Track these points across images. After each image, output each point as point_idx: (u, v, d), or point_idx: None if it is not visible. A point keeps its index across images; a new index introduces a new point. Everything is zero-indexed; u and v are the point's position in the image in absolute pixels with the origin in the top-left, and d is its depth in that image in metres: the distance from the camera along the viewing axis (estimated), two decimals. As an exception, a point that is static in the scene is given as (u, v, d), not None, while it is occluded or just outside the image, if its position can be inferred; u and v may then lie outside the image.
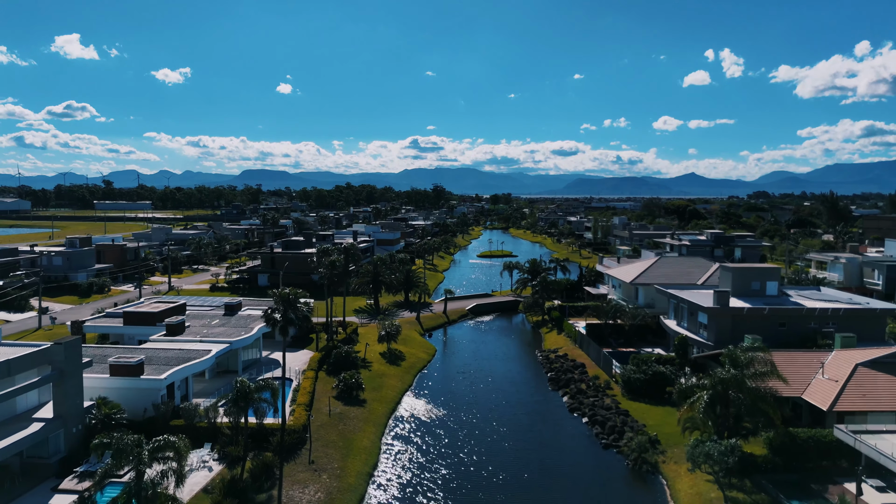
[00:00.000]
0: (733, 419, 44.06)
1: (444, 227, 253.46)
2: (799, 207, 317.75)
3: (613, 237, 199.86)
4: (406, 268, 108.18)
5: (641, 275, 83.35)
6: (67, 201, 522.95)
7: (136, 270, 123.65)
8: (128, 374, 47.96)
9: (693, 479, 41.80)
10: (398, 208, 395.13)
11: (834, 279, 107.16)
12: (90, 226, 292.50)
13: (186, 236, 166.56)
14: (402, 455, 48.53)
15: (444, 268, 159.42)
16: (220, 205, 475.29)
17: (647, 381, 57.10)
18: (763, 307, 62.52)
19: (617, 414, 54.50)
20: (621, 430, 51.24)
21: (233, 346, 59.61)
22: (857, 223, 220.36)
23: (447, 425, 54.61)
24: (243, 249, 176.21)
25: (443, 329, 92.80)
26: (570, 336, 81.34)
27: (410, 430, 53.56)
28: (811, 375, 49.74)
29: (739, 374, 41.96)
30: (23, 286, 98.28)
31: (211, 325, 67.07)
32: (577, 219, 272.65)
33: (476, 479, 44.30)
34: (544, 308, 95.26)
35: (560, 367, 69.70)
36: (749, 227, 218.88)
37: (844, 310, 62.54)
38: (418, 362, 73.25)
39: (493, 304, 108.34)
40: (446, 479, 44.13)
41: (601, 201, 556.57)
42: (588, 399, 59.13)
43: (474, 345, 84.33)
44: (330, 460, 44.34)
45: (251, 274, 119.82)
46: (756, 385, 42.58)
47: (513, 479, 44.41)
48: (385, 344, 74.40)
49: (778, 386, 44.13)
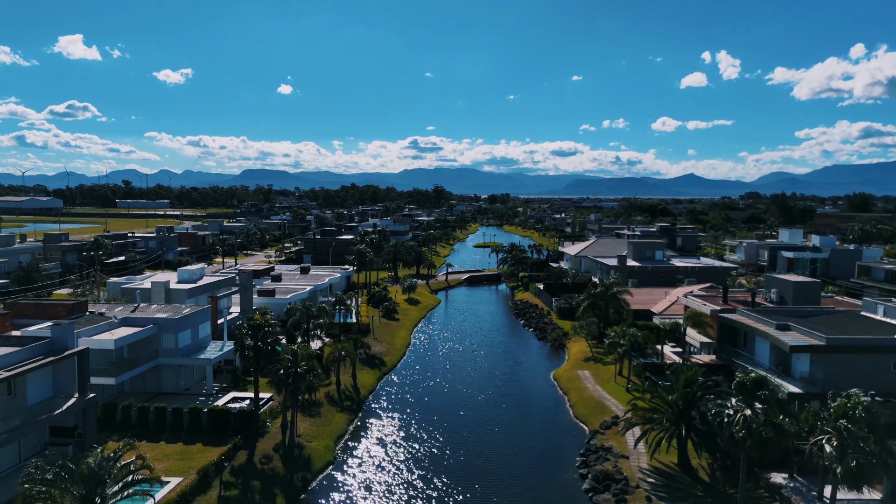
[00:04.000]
0: (602, 316, 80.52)
1: (444, 223, 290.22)
2: (753, 205, 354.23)
3: (587, 230, 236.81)
4: (417, 249, 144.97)
5: (582, 251, 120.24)
6: (89, 199, 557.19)
7: (205, 252, 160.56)
8: (267, 296, 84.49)
9: (579, 344, 78.63)
10: (402, 207, 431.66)
11: (738, 258, 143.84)
12: (127, 222, 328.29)
13: (234, 228, 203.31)
14: (423, 340, 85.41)
15: (446, 254, 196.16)
16: (234, 203, 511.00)
17: (568, 308, 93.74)
18: (647, 265, 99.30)
19: (550, 324, 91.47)
20: (551, 331, 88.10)
21: (316, 287, 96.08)
22: (815, 220, 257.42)
23: (449, 335, 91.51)
24: (278, 240, 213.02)
25: (445, 290, 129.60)
26: (533, 292, 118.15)
27: (426, 334, 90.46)
28: (659, 299, 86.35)
29: (604, 290, 78.55)
30: (136, 259, 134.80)
31: (295, 279, 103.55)
32: (561, 216, 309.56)
33: (465, 352, 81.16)
34: (518, 277, 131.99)
35: (522, 308, 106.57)
36: (710, 224, 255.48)
37: (699, 267, 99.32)
38: (429, 306, 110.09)
39: (482, 275, 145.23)
40: (450, 353, 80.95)
41: (590, 201, 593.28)
42: (534, 321, 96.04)
43: (467, 299, 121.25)
44: (384, 339, 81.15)
45: (297, 255, 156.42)
46: (615, 296, 78.95)
47: (489, 350, 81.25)
48: (407, 294, 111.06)
49: (629, 299, 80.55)
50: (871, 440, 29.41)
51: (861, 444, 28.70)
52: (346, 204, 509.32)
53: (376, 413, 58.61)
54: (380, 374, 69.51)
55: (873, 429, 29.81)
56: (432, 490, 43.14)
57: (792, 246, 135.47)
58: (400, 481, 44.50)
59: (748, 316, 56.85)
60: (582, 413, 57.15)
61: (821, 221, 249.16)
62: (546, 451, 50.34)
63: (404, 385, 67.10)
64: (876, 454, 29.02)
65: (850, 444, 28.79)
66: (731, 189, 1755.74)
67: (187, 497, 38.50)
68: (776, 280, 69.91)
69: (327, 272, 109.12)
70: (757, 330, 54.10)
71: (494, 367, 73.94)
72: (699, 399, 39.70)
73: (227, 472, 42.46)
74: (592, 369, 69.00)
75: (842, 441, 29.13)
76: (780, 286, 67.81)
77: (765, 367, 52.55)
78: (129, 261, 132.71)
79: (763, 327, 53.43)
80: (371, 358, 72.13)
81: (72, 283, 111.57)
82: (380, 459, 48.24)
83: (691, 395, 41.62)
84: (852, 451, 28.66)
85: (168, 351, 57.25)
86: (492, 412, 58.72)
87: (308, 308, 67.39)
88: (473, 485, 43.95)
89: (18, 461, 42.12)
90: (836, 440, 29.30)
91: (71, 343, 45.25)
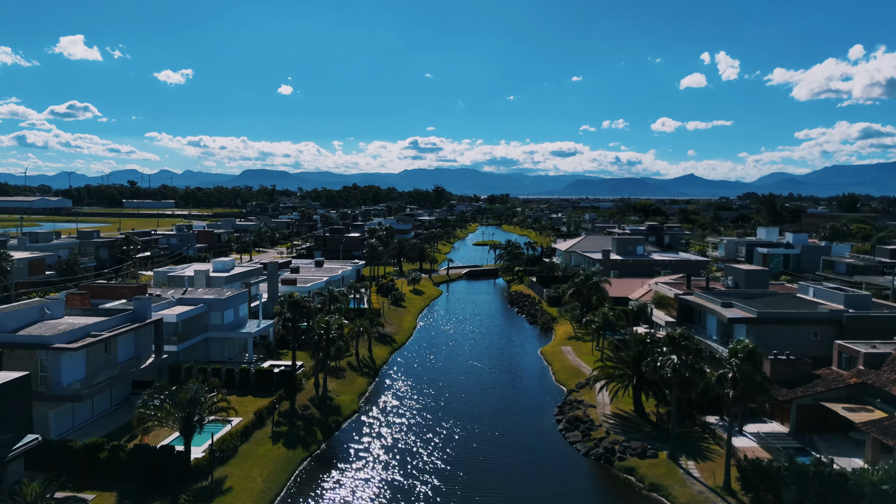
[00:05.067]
0: (585, 301, 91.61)
1: (445, 223, 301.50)
2: (748, 205, 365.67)
3: (582, 229, 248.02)
4: (420, 245, 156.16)
5: (572, 246, 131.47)
6: (96, 199, 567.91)
7: (221, 249, 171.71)
8: (289, 284, 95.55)
9: (565, 326, 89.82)
10: (403, 207, 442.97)
11: (719, 254, 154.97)
12: (137, 221, 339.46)
13: (247, 226, 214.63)
14: (428, 324, 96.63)
15: (447, 251, 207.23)
16: (238, 203, 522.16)
17: (557, 296, 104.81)
18: (629, 259, 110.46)
19: (540, 311, 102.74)
20: (540, 316, 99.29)
21: (331, 278, 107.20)
22: (802, 219, 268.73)
23: (451, 319, 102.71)
24: (287, 238, 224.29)
25: (446, 283, 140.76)
26: (526, 284, 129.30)
27: (431, 319, 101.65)
28: (637, 287, 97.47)
29: (585, 279, 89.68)
30: (160, 254, 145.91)
31: (311, 271, 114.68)
32: (558, 216, 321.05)
33: (465, 333, 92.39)
34: (514, 271, 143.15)
35: (517, 298, 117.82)
36: (698, 223, 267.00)
37: (676, 261, 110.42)
38: (432, 296, 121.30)
39: (481, 270, 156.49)
40: (451, 334, 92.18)
41: (588, 202, 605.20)
42: (527, 308, 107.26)
43: (467, 290, 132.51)
44: (394, 322, 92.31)
45: (308, 251, 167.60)
46: (596, 284, 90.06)
47: (486, 331, 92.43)
48: (412, 286, 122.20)
49: (609, 287, 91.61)
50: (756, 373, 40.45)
51: (746, 374, 39.67)
52: (348, 204, 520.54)
53: (390, 377, 69.86)
54: (391, 349, 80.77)
55: (755, 364, 40.90)
56: (440, 429, 54.29)
57: (767, 243, 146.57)
58: (413, 423, 55.66)
59: (701, 297, 68.01)
60: (562, 378, 68.37)
61: (808, 221, 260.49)
62: (531, 404, 61.53)
63: (413, 358, 78.34)
64: (757, 382, 40.00)
65: (739, 375, 39.76)
66: (731, 189, 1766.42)
67: (249, 430, 49.61)
68: (732, 269, 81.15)
69: (339, 265, 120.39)
70: (707, 308, 65.27)
71: (490, 345, 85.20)
72: (647, 354, 50.76)
73: (275, 415, 53.59)
74: (574, 346, 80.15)
75: (734, 373, 40.08)
76: (734, 273, 78.98)
77: (713, 339, 63.67)
78: (154, 255, 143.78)
79: (711, 305, 64.58)
80: (383, 336, 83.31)
81: (107, 275, 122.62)
82: (395, 409, 59.44)
83: (641, 352, 52.75)
84: (741, 380, 39.66)
85: (215, 326, 68.33)
86: (487, 377, 69.93)
87: (331, 292, 78.46)
88: (473, 427, 55.10)
89: (110, 406, 53.30)
90: (731, 373, 40.25)
91: (148, 314, 56.42)
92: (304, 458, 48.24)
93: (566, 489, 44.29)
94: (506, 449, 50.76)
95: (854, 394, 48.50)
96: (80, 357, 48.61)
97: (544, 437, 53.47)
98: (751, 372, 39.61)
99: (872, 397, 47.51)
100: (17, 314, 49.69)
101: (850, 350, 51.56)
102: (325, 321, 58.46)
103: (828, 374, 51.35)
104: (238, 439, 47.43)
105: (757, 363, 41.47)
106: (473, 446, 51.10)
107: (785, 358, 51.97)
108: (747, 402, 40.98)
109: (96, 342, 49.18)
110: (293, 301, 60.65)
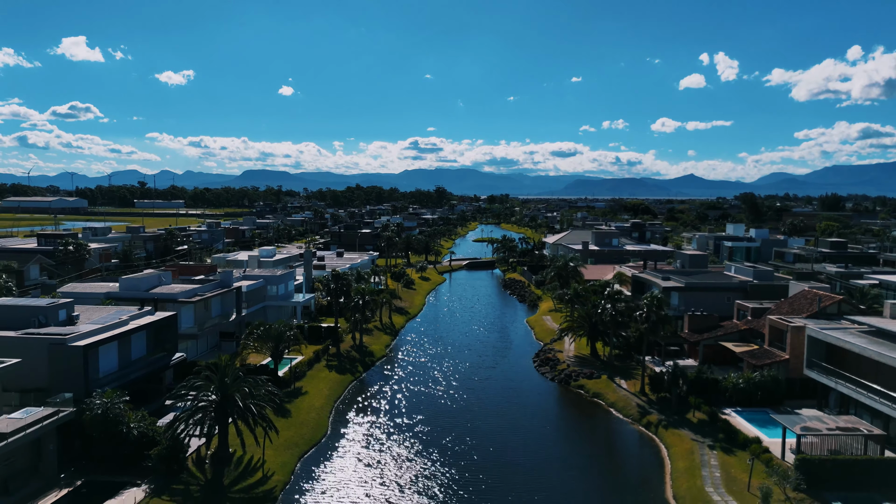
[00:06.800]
0: (564, 283, 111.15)
1: (447, 221, 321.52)
2: (735, 205, 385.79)
3: (573, 227, 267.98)
4: (425, 240, 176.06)
5: (558, 240, 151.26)
6: (107, 199, 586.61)
7: (245, 243, 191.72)
8: (319, 269, 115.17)
9: (547, 303, 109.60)
10: (406, 207, 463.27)
11: (692, 248, 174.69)
12: (154, 220, 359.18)
13: (266, 224, 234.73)
14: (436, 299, 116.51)
15: (449, 247, 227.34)
16: (245, 203, 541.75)
17: (542, 280, 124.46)
18: (605, 249, 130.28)
19: (528, 292, 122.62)
20: (528, 296, 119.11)
21: (352, 266, 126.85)
22: (784, 218, 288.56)
23: (454, 298, 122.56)
24: (302, 234, 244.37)
25: (449, 272, 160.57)
26: (519, 272, 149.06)
27: (437, 298, 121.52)
28: (609, 272, 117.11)
29: (564, 264, 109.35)
30: (196, 248, 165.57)
31: (335, 260, 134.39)
32: (553, 215, 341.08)
33: (465, 308, 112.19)
34: (508, 262, 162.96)
35: (510, 283, 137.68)
36: (682, 220, 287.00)
37: (645, 251, 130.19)
38: (437, 282, 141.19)
39: (480, 262, 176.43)
40: (455, 308, 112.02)
41: (585, 202, 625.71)
42: (518, 291, 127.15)
43: (467, 278, 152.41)
44: (406, 299, 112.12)
45: (324, 245, 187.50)
46: (574, 269, 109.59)
47: (483, 307, 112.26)
48: (419, 273, 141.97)
49: (585, 271, 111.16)
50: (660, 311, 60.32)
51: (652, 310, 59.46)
52: (353, 203, 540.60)
53: (408, 336, 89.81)
54: (407, 318, 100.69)
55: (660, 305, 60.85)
56: (446, 367, 74.09)
57: (733, 237, 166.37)
58: (427, 362, 75.47)
59: (649, 274, 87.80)
60: (540, 336, 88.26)
61: (789, 219, 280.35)
62: (516, 353, 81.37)
63: (424, 325, 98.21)
64: (661, 315, 59.80)
65: (650, 312, 59.53)
66: (731, 189, 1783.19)
67: (311, 362, 69.32)
68: (679, 254, 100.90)
69: (357, 255, 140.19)
70: (651, 281, 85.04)
71: (486, 315, 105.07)
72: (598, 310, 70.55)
73: (326, 356, 73.31)
74: (553, 316, 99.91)
75: (648, 312, 59.89)
76: (681, 258, 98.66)
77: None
78: (190, 248, 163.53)
79: (654, 279, 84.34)
80: (399, 309, 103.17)
81: (156, 264, 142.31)
82: (414, 355, 79.33)
83: (593, 308, 72.57)
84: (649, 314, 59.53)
85: (271, 297, 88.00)
86: (483, 336, 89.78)
87: (358, 272, 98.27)
88: (473, 367, 74.93)
89: (206, 349, 72.97)
90: (643, 311, 60.06)
91: (231, 282, 76.12)
92: (351, 381, 68.13)
93: (537, 399, 64.08)
94: (497, 379, 70.56)
95: (744, 337, 68.25)
96: (190, 310, 68.29)
97: (524, 372, 73.26)
98: (657, 309, 59.43)
99: (755, 338, 67.28)
100: (147, 279, 69.48)
101: (743, 306, 71.43)
102: (361, 289, 78.19)
103: (728, 325, 71.17)
104: (305, 366, 67.19)
105: (661, 304, 61.30)
106: (475, 379, 70.80)
107: (699, 314, 71.72)
108: (657, 331, 60.92)
109: (202, 300, 68.91)
110: (336, 274, 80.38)
